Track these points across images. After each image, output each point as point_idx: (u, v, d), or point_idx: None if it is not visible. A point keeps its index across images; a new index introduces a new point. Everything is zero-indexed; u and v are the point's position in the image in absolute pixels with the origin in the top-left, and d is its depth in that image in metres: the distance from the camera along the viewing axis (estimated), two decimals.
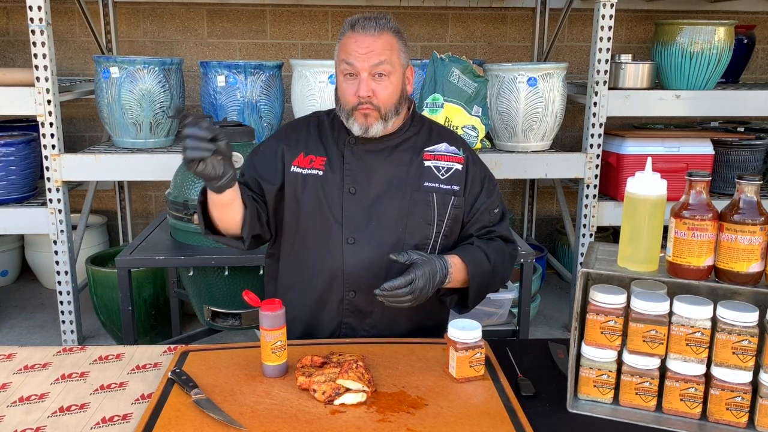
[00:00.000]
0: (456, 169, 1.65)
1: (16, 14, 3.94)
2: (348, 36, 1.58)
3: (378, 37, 1.55)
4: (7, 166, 3.03)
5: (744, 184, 1.20)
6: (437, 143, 1.68)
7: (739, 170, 3.33)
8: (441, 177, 1.64)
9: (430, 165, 1.65)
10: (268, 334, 1.36)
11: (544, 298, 3.65)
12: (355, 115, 1.58)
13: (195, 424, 1.21)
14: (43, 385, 1.38)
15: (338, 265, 1.61)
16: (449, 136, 1.72)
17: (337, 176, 1.62)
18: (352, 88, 1.56)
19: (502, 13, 4.12)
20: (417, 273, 1.50)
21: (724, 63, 3.18)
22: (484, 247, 1.65)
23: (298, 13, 4.01)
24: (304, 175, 1.63)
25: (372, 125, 1.58)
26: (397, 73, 1.58)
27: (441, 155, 1.66)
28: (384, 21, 1.58)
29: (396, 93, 1.59)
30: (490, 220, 1.69)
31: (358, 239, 1.60)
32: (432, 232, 1.63)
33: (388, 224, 1.60)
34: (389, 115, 1.59)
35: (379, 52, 1.54)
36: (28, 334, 3.37)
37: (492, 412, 1.26)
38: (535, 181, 4.30)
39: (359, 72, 1.55)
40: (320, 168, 1.63)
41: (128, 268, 2.34)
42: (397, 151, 1.65)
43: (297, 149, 1.66)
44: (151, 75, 2.97)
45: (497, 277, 1.67)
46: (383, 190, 1.61)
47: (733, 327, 1.22)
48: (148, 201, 4.28)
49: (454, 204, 1.63)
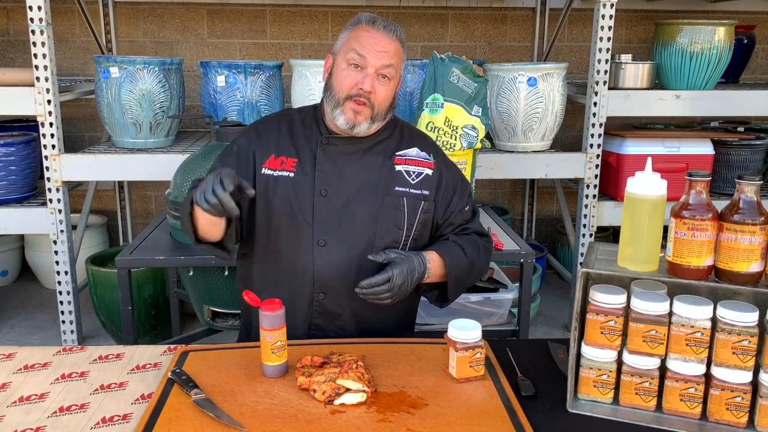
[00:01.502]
0: (426, 174, 1.67)
1: (16, 14, 3.94)
2: (364, 29, 1.58)
3: (393, 41, 1.58)
4: (7, 166, 3.03)
5: (744, 184, 1.20)
6: (408, 147, 1.69)
7: (739, 170, 3.33)
8: (412, 182, 1.66)
9: (401, 170, 1.66)
10: (268, 334, 1.36)
11: (544, 298, 3.65)
12: (345, 108, 1.57)
13: (195, 424, 1.21)
14: (43, 385, 1.38)
15: (308, 267, 1.61)
16: (420, 141, 1.73)
17: (308, 178, 1.62)
18: (354, 78, 1.56)
19: (502, 13, 4.12)
20: (395, 271, 1.53)
21: (724, 63, 3.18)
22: (459, 241, 1.68)
23: (298, 13, 4.01)
24: (275, 177, 1.63)
25: (359, 123, 1.58)
26: (396, 80, 1.62)
27: (412, 160, 1.68)
28: (399, 31, 1.62)
29: (390, 98, 1.62)
30: (463, 218, 1.72)
31: (328, 241, 1.61)
32: (402, 235, 1.64)
33: (358, 227, 1.61)
34: (379, 117, 1.61)
35: (391, 55, 1.57)
36: (28, 334, 3.37)
37: (492, 412, 1.26)
38: (535, 181, 4.30)
39: (368, 66, 1.56)
40: (291, 170, 1.63)
41: (128, 268, 2.34)
42: (369, 154, 1.65)
43: (268, 151, 1.65)
44: (151, 75, 2.97)
45: (474, 269, 1.69)
46: (354, 192, 1.62)
47: (733, 327, 1.22)
48: (148, 201, 4.28)
49: (423, 209, 1.66)
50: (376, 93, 1.56)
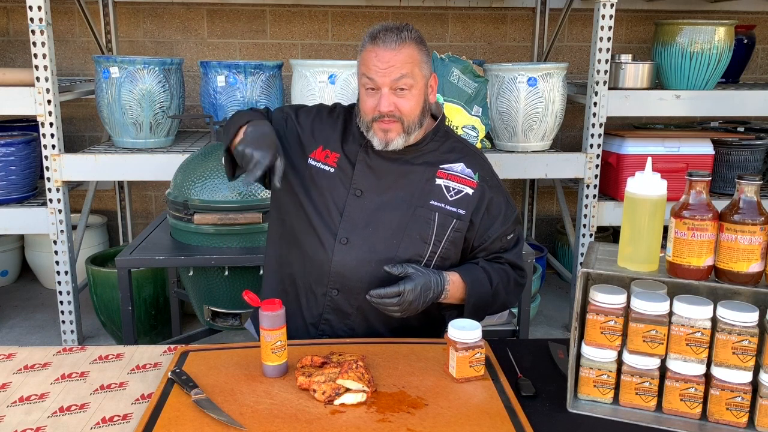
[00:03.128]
0: (466, 193, 1.62)
1: (16, 14, 3.94)
2: (369, 50, 1.54)
3: (399, 51, 1.51)
4: (7, 166, 3.03)
5: (744, 184, 1.20)
6: (455, 162, 1.64)
7: (739, 170, 3.33)
8: (449, 198, 1.61)
9: (441, 184, 1.62)
10: (268, 334, 1.36)
11: (544, 298, 3.65)
12: (375, 129, 1.56)
13: (195, 424, 1.21)
14: (43, 385, 1.38)
15: (326, 260, 1.62)
16: (469, 158, 1.66)
17: (347, 176, 1.62)
18: (372, 102, 1.55)
19: (502, 13, 4.12)
20: (407, 286, 1.50)
21: (724, 63, 3.18)
22: (488, 268, 1.63)
23: (298, 13, 4.01)
24: (317, 167, 1.65)
25: (392, 140, 1.56)
26: (419, 86, 1.55)
27: (454, 176, 1.63)
28: (405, 32, 1.53)
29: (419, 105, 1.56)
30: (501, 247, 1.66)
31: (351, 240, 1.60)
32: (426, 250, 1.60)
33: (384, 233, 1.60)
34: (412, 127, 1.57)
35: (399, 67, 1.51)
36: (28, 334, 3.37)
37: (492, 412, 1.26)
38: (535, 181, 4.30)
39: (380, 87, 1.53)
40: (333, 165, 1.64)
41: (128, 268, 2.34)
42: (413, 163, 1.63)
43: (318, 142, 1.67)
44: (151, 75, 2.97)
45: (498, 300, 1.66)
46: (388, 198, 1.61)
47: (733, 327, 1.22)
48: (148, 201, 4.28)
49: (455, 227, 1.61)
50: (398, 108, 1.53)
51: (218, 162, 2.40)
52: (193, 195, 2.39)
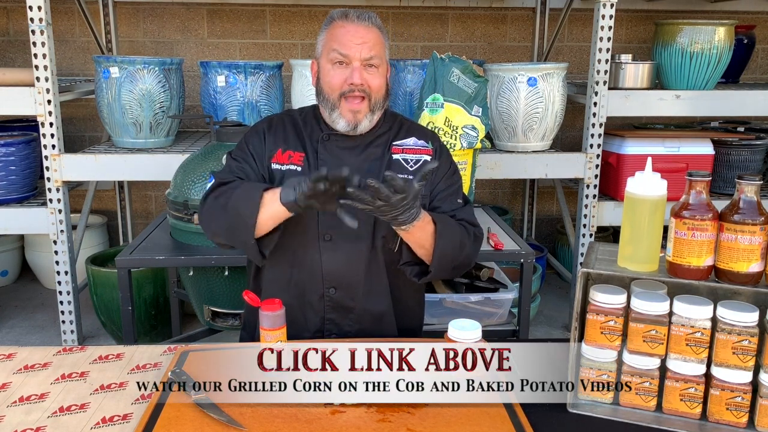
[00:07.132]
0: (425, 160, 1.67)
1: (16, 14, 3.94)
2: (338, 26, 1.58)
3: (370, 30, 1.58)
4: (7, 166, 3.03)
5: (744, 184, 1.20)
6: (405, 137, 1.70)
7: (739, 170, 3.32)
8: (410, 168, 1.66)
9: (398, 158, 1.67)
10: (268, 334, 1.36)
11: (544, 298, 3.65)
12: (342, 110, 1.57)
13: (195, 424, 1.21)
14: (43, 385, 1.38)
15: (316, 261, 1.62)
16: (418, 131, 1.74)
17: (314, 170, 1.61)
18: (342, 75, 1.56)
19: (502, 13, 4.12)
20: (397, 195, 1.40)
21: (724, 63, 3.18)
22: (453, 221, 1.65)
23: (298, 13, 4.01)
24: (283, 171, 1.64)
25: (360, 121, 1.59)
26: (383, 68, 1.61)
27: (409, 148, 1.68)
28: (373, 17, 1.61)
29: (384, 85, 1.62)
30: (451, 207, 1.68)
31: (334, 236, 1.61)
32: None
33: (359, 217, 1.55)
34: (377, 105, 1.61)
35: (371, 45, 1.57)
36: (28, 334, 3.37)
37: (492, 412, 1.26)
38: (535, 181, 4.30)
39: (352, 61, 1.55)
40: (298, 164, 1.64)
41: (128, 268, 2.34)
42: (370, 147, 1.66)
43: (275, 146, 1.67)
44: (151, 75, 2.97)
45: (464, 252, 1.62)
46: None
47: (733, 327, 1.22)
48: (148, 201, 4.28)
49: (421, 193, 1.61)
50: (368, 83, 1.56)
51: (218, 162, 2.40)
52: (193, 195, 2.39)
